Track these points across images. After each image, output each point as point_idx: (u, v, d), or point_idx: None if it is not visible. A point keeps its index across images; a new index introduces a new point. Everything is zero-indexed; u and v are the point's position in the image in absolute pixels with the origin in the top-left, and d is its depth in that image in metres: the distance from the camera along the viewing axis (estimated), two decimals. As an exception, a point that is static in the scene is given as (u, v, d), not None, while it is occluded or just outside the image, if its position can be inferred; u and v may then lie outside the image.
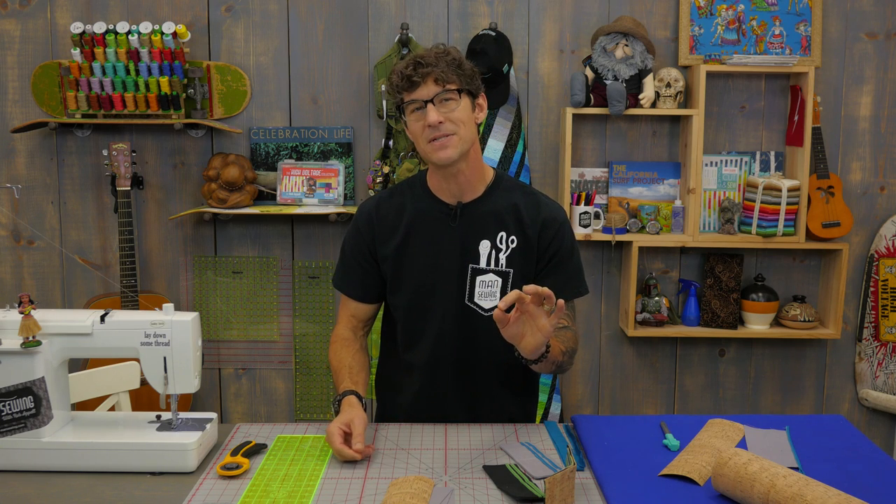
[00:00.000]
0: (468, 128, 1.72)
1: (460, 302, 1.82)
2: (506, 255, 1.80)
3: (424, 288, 1.83)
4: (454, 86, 1.70)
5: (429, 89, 1.68)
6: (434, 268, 1.81)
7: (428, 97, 1.68)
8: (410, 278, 1.84)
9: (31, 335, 1.54)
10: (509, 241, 1.81)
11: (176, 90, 2.97)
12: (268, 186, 3.15)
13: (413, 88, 1.69)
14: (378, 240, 1.86)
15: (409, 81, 1.68)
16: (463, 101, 1.71)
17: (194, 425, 1.63)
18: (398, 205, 1.85)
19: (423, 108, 1.69)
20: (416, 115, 1.71)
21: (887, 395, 3.20)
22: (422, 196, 1.85)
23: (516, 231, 1.81)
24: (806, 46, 3.09)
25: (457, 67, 1.70)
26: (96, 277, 3.20)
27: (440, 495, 1.44)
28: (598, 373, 3.29)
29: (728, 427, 1.71)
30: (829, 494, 1.28)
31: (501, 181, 1.86)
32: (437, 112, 1.68)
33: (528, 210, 1.82)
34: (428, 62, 1.68)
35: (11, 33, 3.09)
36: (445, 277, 1.81)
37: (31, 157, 3.15)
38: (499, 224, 1.81)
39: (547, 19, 3.11)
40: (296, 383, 3.27)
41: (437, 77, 1.68)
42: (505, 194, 1.83)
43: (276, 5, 3.09)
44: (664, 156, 3.18)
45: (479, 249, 1.80)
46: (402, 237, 1.83)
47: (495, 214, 1.81)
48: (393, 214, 1.85)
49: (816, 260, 3.23)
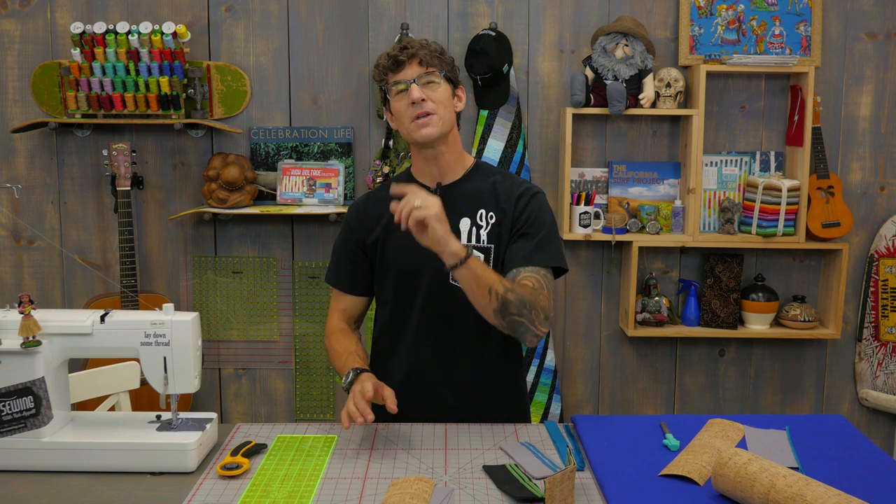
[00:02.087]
0: (448, 110, 1.84)
1: (444, 282, 1.84)
2: (486, 232, 1.86)
3: (409, 271, 1.88)
4: (435, 69, 1.82)
5: (413, 70, 1.81)
6: (417, 249, 1.80)
7: (412, 77, 1.80)
8: (395, 262, 1.90)
9: (31, 335, 1.54)
10: (488, 217, 1.86)
11: (176, 90, 2.97)
12: (268, 186, 3.15)
13: (398, 69, 1.81)
14: (365, 231, 1.94)
15: (396, 62, 1.81)
16: (443, 86, 1.84)
17: (194, 425, 1.63)
18: (384, 195, 1.91)
19: (406, 89, 1.80)
20: (400, 95, 1.82)
21: (887, 395, 3.20)
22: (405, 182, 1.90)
23: (494, 208, 1.87)
24: (806, 46, 3.09)
25: (439, 55, 1.84)
26: (96, 277, 3.20)
27: (440, 495, 1.44)
28: (598, 373, 3.29)
29: (728, 427, 1.71)
30: (829, 494, 1.28)
31: (481, 167, 1.95)
32: (420, 90, 1.79)
33: (504, 187, 1.89)
34: (412, 46, 1.83)
35: (11, 33, 3.09)
36: (428, 258, 1.81)
37: (31, 157, 3.15)
38: (478, 202, 1.87)
39: (547, 19, 3.11)
40: (296, 383, 3.27)
41: (422, 59, 1.81)
42: (483, 177, 1.92)
43: (276, 5, 3.09)
44: (664, 156, 3.18)
45: (460, 227, 1.86)
46: (386, 223, 1.88)
47: (474, 194, 1.88)
48: (378, 205, 1.92)
49: (816, 260, 3.23)
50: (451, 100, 1.86)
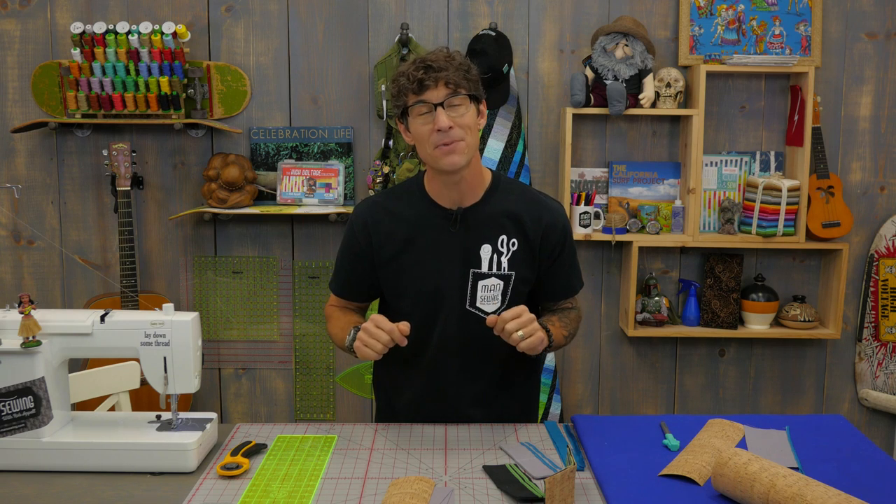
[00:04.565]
0: (474, 135, 1.71)
1: (462, 307, 1.81)
2: (507, 259, 1.80)
3: (426, 295, 1.81)
4: (463, 89, 1.68)
5: (439, 93, 1.66)
6: (436, 274, 1.80)
7: (438, 100, 1.66)
8: (412, 285, 1.82)
9: (31, 335, 1.55)
10: (510, 243, 1.80)
11: (176, 90, 2.97)
12: (268, 186, 3.15)
13: (422, 91, 1.66)
14: (375, 245, 1.83)
15: (420, 84, 1.65)
16: (471, 109, 1.70)
17: (194, 425, 1.63)
18: (395, 209, 1.83)
19: (431, 111, 1.67)
20: (422, 118, 1.68)
21: (887, 395, 3.20)
22: (420, 201, 1.82)
23: (517, 234, 1.80)
24: (806, 46, 3.09)
25: (465, 72, 1.69)
26: (96, 277, 3.20)
27: (440, 495, 1.44)
28: (598, 373, 3.29)
29: (728, 427, 1.71)
30: (829, 494, 1.28)
31: (499, 183, 1.84)
32: (447, 117, 1.66)
33: (528, 213, 1.81)
34: (438, 65, 1.66)
35: (11, 33, 3.09)
36: (447, 283, 1.80)
37: (31, 157, 3.15)
38: (499, 227, 1.80)
39: (547, 19, 3.11)
40: (296, 383, 3.27)
41: (448, 81, 1.66)
42: (503, 196, 1.82)
43: (276, 5, 3.09)
44: (664, 156, 3.18)
45: (481, 254, 1.79)
46: (401, 243, 1.81)
47: (495, 218, 1.80)
48: (390, 219, 1.82)
49: (816, 260, 3.23)
50: (476, 121, 1.72)
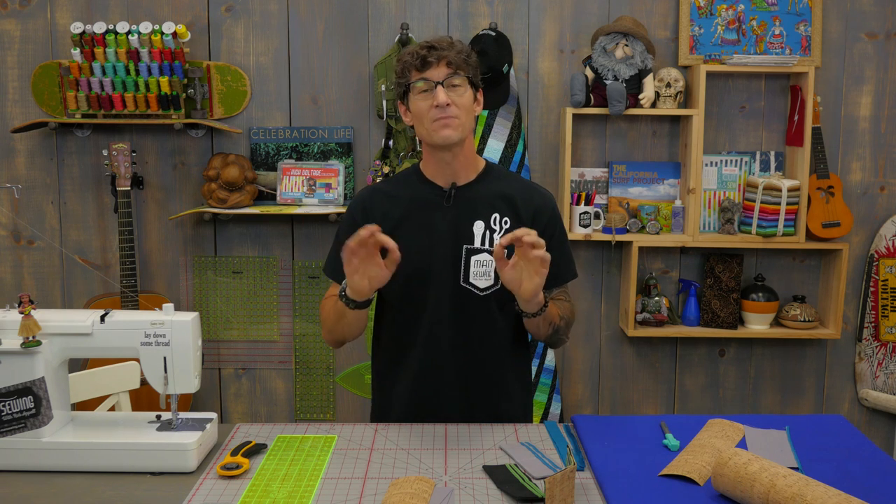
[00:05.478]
0: (469, 116, 1.82)
1: (455, 283, 1.84)
2: (499, 236, 1.84)
3: (420, 271, 1.85)
4: (462, 72, 1.79)
5: (440, 71, 1.77)
6: (429, 249, 1.83)
7: (439, 79, 1.76)
8: (406, 260, 1.83)
9: (31, 335, 1.54)
10: (503, 221, 1.86)
11: (176, 90, 2.97)
12: (268, 186, 3.15)
13: (425, 68, 1.77)
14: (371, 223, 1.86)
15: (423, 61, 1.76)
16: (468, 91, 1.81)
17: (194, 425, 1.63)
18: (393, 192, 1.90)
19: (431, 89, 1.77)
20: (423, 95, 1.78)
21: (887, 395, 3.20)
22: (416, 182, 1.91)
23: (509, 213, 1.86)
24: (806, 46, 3.09)
25: (466, 57, 1.81)
26: (96, 277, 3.20)
27: (440, 495, 1.44)
28: (598, 373, 3.29)
29: (728, 427, 1.71)
30: (828, 494, 1.28)
31: (493, 169, 1.94)
32: (446, 94, 1.76)
33: (520, 195, 1.89)
34: (441, 46, 1.78)
35: (11, 33, 3.09)
36: (440, 258, 1.83)
37: (31, 157, 3.15)
38: (491, 206, 1.86)
39: (547, 19, 3.11)
40: (296, 383, 3.27)
41: (450, 61, 1.77)
42: (496, 180, 1.91)
43: (276, 5, 3.09)
44: (664, 156, 3.18)
45: (474, 230, 1.84)
46: (396, 222, 1.86)
47: (488, 197, 1.87)
48: (387, 200, 1.90)
49: (816, 260, 3.23)
50: (473, 104, 1.83)
